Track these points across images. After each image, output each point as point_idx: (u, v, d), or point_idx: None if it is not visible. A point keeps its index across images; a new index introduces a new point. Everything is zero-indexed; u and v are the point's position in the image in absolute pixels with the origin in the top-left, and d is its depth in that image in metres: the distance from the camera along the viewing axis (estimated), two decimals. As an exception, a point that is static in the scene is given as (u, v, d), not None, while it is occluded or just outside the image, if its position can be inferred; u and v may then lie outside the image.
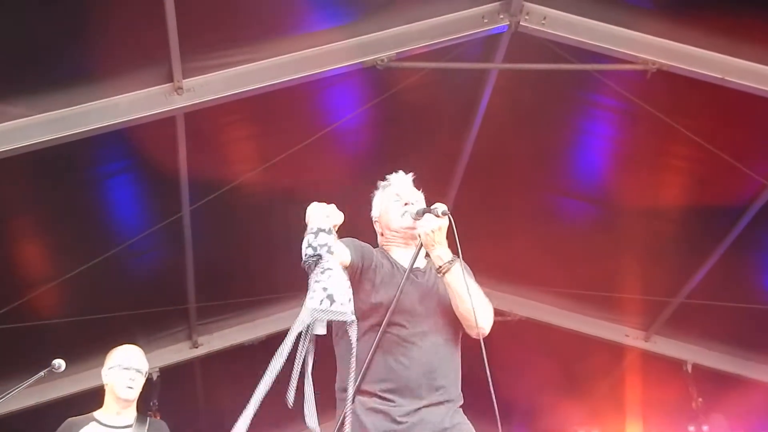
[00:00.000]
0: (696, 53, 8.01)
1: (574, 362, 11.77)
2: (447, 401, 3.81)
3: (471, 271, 4.01)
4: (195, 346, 10.87)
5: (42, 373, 5.34)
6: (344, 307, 3.53)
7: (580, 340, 11.57)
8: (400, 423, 3.68)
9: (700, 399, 11.50)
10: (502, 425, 3.83)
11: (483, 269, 4.00)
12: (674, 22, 7.97)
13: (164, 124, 7.76)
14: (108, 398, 5.48)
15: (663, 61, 8.00)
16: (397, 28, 8.05)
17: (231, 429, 3.53)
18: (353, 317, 3.60)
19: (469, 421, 3.89)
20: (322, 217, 3.69)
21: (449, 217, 3.89)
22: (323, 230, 3.62)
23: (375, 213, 4.31)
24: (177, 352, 10.90)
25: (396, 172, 4.36)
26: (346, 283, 3.59)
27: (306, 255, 3.61)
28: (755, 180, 8.79)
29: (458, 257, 3.86)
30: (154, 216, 8.90)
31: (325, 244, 3.59)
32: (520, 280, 11.12)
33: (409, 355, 3.75)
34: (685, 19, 7.91)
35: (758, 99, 7.99)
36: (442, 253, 3.87)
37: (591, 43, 8.08)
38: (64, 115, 7.28)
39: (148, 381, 10.74)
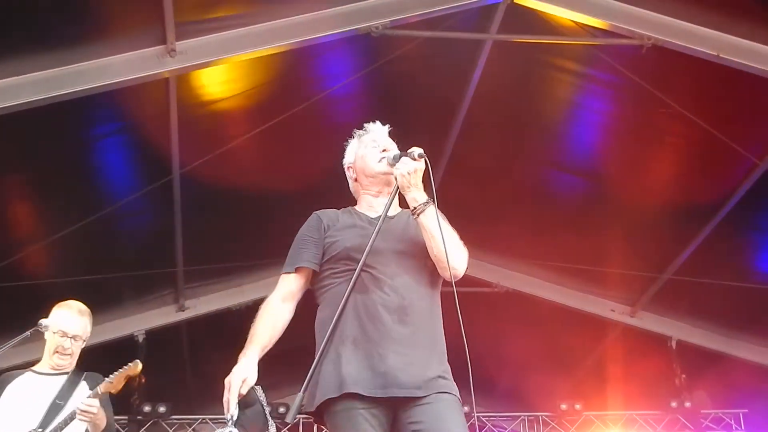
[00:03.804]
0: (691, 29, 8.00)
1: (559, 336, 11.80)
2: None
3: (445, 217, 4.03)
4: (182, 309, 10.89)
5: (28, 333, 5.31)
6: None
7: (566, 314, 11.60)
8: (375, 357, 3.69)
9: (684, 375, 11.59)
10: (485, 398, 3.84)
11: (470, 240, 3.99)
12: (671, -3, 7.97)
13: (156, 86, 7.73)
14: (45, 354, 5.47)
15: (658, 37, 7.99)
16: (393, -5, 8.03)
17: (216, 393, 3.52)
18: None
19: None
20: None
21: (426, 160, 3.92)
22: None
23: (350, 159, 4.29)
24: (164, 315, 10.93)
25: (373, 122, 4.34)
26: None
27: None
28: (747, 158, 8.80)
29: (433, 200, 3.89)
30: (144, 178, 8.88)
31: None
32: (507, 252, 11.14)
33: (381, 292, 3.78)
34: (681, -5, 7.91)
35: (752, 77, 7.99)
36: (417, 195, 3.89)
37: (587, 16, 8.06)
38: (56, 75, 7.23)
39: (134, 343, 10.88)
